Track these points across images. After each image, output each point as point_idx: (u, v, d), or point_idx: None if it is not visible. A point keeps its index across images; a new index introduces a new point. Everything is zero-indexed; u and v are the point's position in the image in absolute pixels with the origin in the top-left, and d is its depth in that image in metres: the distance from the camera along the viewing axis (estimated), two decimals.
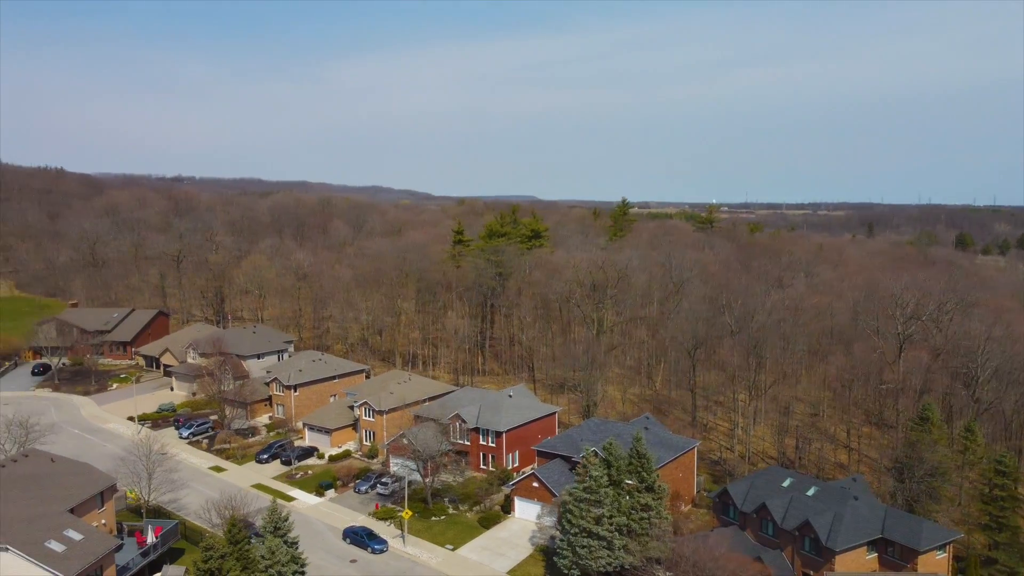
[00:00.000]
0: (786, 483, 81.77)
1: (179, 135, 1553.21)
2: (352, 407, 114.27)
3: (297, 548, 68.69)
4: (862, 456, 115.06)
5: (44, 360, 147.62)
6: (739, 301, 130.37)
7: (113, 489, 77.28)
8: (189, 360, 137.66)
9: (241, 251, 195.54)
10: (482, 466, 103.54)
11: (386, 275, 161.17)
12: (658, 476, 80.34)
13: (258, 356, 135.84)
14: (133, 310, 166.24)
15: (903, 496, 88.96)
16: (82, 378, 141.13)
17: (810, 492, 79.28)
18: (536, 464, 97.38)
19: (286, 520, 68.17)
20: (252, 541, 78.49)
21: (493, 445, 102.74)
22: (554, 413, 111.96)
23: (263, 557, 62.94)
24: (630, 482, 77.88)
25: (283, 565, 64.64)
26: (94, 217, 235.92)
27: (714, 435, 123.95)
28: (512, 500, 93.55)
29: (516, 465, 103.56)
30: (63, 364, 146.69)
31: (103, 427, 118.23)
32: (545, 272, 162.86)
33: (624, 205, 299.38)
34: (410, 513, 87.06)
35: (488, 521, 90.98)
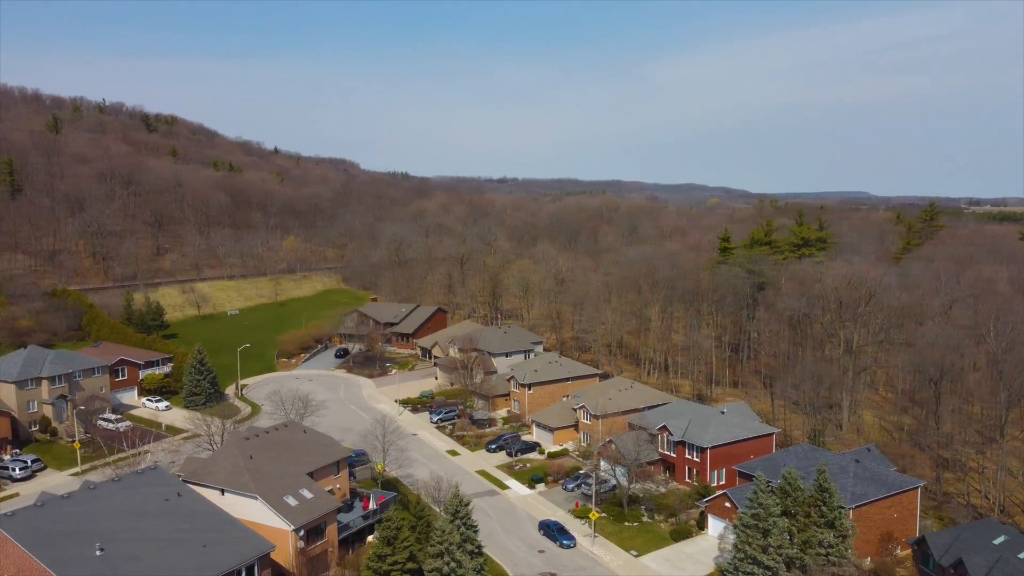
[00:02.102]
0: (998, 540, 72.85)
1: (507, 139, 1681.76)
2: (575, 409, 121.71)
3: (477, 532, 77.56)
4: None
5: (345, 345, 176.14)
6: (1010, 328, 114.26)
7: (347, 460, 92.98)
8: (450, 354, 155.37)
9: (515, 255, 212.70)
10: (686, 479, 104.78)
11: (635, 283, 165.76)
12: (845, 513, 76.54)
13: (506, 354, 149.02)
14: (418, 306, 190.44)
15: None
16: (370, 363, 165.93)
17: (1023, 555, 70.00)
18: (738, 484, 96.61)
19: (467, 505, 77.28)
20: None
21: (697, 460, 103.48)
22: (771, 434, 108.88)
23: (437, 535, 72.54)
24: (808, 515, 75.44)
25: (456, 545, 73.68)
26: (405, 222, 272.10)
27: (972, 477, 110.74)
28: (706, 517, 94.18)
29: (722, 482, 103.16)
30: (359, 350, 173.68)
31: (374, 406, 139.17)
32: (795, 284, 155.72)
33: (930, 209, 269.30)
34: (597, 515, 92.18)
35: (679, 534, 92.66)
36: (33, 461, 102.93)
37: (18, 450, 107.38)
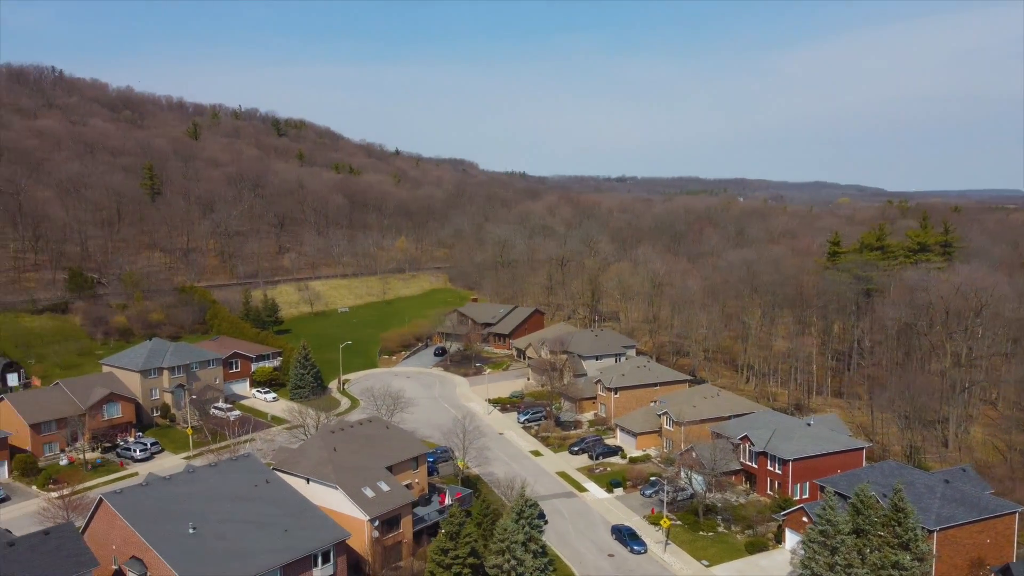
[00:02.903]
0: None
1: (627, 136, 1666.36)
2: (659, 415, 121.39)
3: (542, 533, 79.59)
4: None
5: (444, 344, 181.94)
6: None
7: (426, 456, 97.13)
8: (542, 355, 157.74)
9: (616, 257, 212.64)
10: (768, 491, 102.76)
11: (734, 287, 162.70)
12: (924, 535, 73.51)
13: (596, 357, 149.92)
14: (516, 307, 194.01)
15: None
16: (466, 362, 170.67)
17: None
18: (820, 498, 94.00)
19: (532, 506, 79.47)
20: (539, 520, 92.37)
21: (779, 472, 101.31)
22: (860, 449, 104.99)
23: (499, 533, 75.06)
24: (881, 535, 72.99)
25: (519, 544, 75.92)
26: (510, 223, 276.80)
27: None
28: (783, 530, 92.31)
29: (806, 496, 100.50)
30: (457, 349, 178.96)
31: (465, 404, 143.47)
32: (906, 292, 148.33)
33: None
34: (668, 522, 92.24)
35: (754, 547, 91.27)
36: (152, 444, 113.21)
37: (140, 433, 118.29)
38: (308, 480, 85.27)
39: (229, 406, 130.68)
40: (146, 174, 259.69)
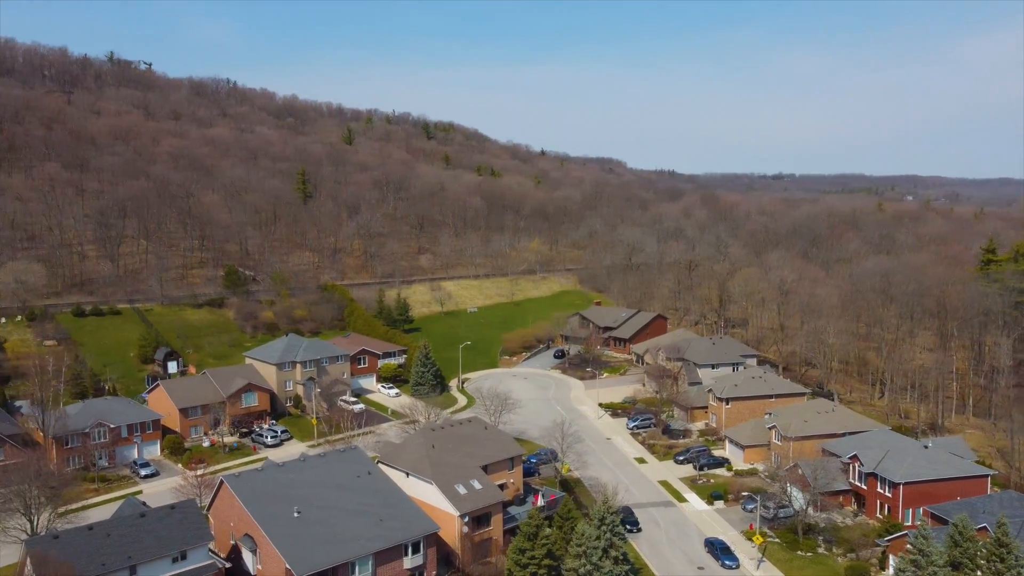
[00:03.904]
0: None
1: (784, 132, 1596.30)
2: (768, 428, 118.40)
3: (624, 540, 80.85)
4: None
5: (564, 347, 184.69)
6: None
7: (521, 457, 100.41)
8: (659, 362, 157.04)
9: (745, 262, 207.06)
10: (877, 515, 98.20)
11: (865, 297, 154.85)
12: None
13: (712, 366, 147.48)
14: (638, 311, 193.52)
15: None
16: (584, 365, 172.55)
17: None
18: (930, 525, 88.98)
19: (614, 513, 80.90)
20: (627, 527, 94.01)
21: (889, 495, 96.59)
22: (984, 476, 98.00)
23: (577, 538, 77.13)
24: (980, 570, 68.95)
25: (599, 550, 77.67)
26: (643, 225, 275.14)
27: None
28: (887, 557, 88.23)
29: (918, 523, 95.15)
30: (577, 352, 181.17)
31: (577, 407, 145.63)
32: None
33: None
34: (761, 539, 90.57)
35: (854, 571, 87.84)
36: (282, 432, 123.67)
37: (274, 421, 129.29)
38: (407, 474, 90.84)
39: (355, 399, 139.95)
40: (299, 178, 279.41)
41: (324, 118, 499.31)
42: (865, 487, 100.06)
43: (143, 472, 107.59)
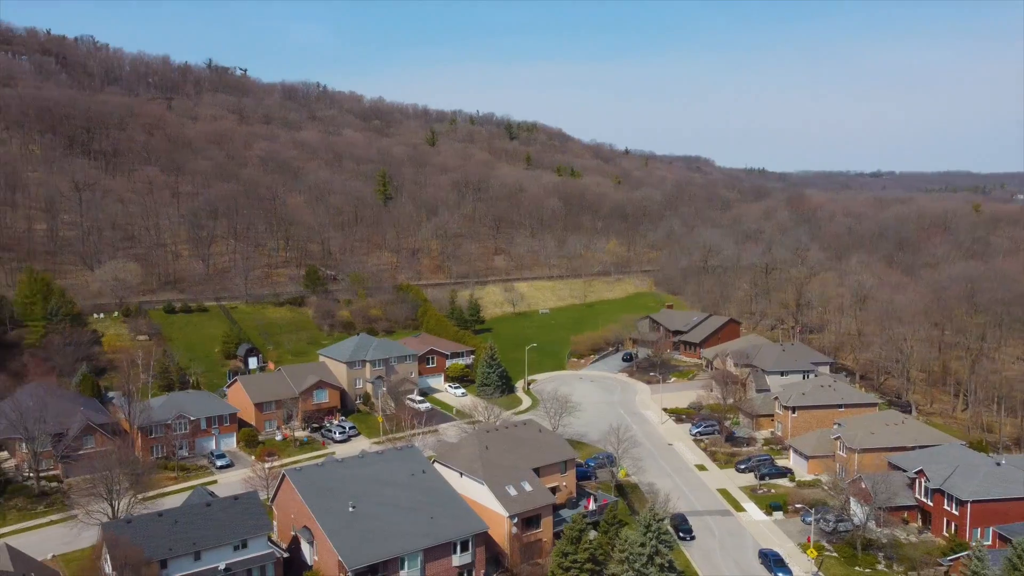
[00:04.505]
0: None
1: (885, 127, 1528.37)
2: (833, 438, 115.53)
3: (671, 549, 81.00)
4: None
5: (632, 350, 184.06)
6: None
7: (574, 461, 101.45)
8: (727, 367, 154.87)
9: (824, 266, 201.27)
10: (943, 533, 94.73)
11: (947, 304, 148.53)
12: None
13: (781, 373, 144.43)
14: (710, 315, 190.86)
15: None
16: (652, 369, 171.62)
17: None
18: (997, 547, 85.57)
19: (660, 520, 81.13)
20: (681, 535, 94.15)
21: (956, 513, 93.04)
22: None
23: (621, 544, 77.83)
24: None
25: (644, 557, 78.12)
26: (722, 226, 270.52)
27: None
28: None
29: (987, 543, 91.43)
30: (646, 355, 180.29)
31: (640, 412, 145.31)
32: None
33: None
34: (815, 553, 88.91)
35: None
36: (350, 428, 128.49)
37: (343, 418, 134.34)
38: (461, 474, 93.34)
39: (421, 398, 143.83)
40: (379, 180, 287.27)
41: (409, 119, 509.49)
42: (931, 503, 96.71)
43: (219, 463, 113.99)
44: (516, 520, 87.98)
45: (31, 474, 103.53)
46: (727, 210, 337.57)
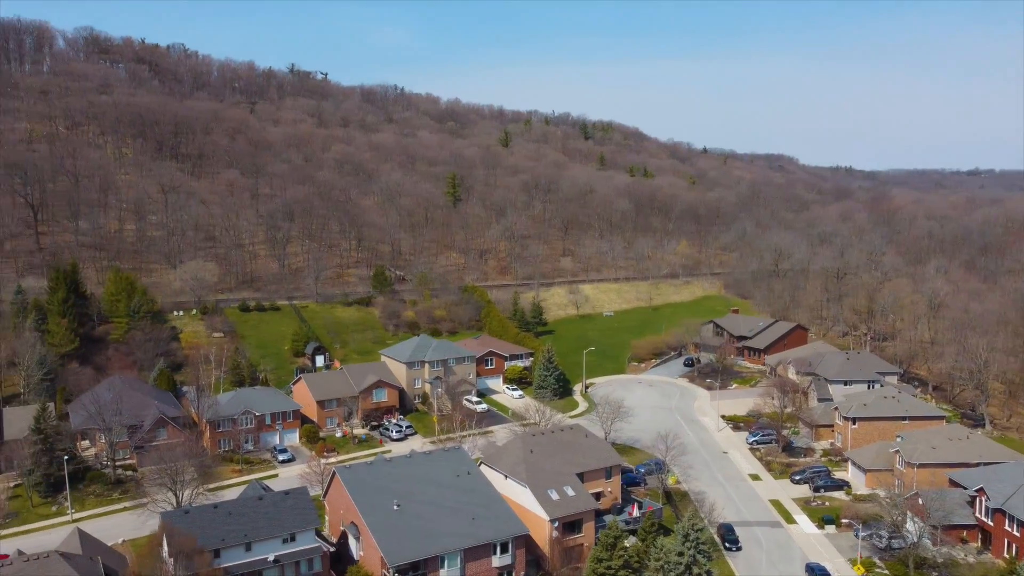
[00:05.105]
0: None
1: (987, 123, 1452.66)
2: (893, 452, 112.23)
3: (708, 558, 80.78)
4: None
5: (694, 355, 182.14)
6: None
7: (619, 467, 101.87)
8: (789, 375, 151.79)
9: (899, 271, 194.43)
10: (1004, 554, 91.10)
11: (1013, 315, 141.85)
12: None
13: (844, 382, 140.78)
14: (776, 321, 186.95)
15: None
16: (714, 375, 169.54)
17: None
18: None
19: (700, 530, 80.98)
20: (727, 545, 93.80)
21: (1017, 534, 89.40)
22: None
23: (656, 552, 78.12)
24: None
25: (679, 565, 78.27)
26: (796, 229, 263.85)
27: None
28: None
29: None
30: (708, 361, 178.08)
31: (697, 418, 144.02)
32: None
33: None
34: (862, 570, 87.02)
35: None
36: (407, 427, 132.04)
37: (402, 417, 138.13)
38: (506, 476, 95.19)
39: (479, 400, 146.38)
40: (449, 182, 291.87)
41: (484, 120, 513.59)
42: (992, 523, 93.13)
43: (281, 457, 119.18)
44: (557, 524, 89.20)
45: (108, 463, 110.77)
46: (803, 211, 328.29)
